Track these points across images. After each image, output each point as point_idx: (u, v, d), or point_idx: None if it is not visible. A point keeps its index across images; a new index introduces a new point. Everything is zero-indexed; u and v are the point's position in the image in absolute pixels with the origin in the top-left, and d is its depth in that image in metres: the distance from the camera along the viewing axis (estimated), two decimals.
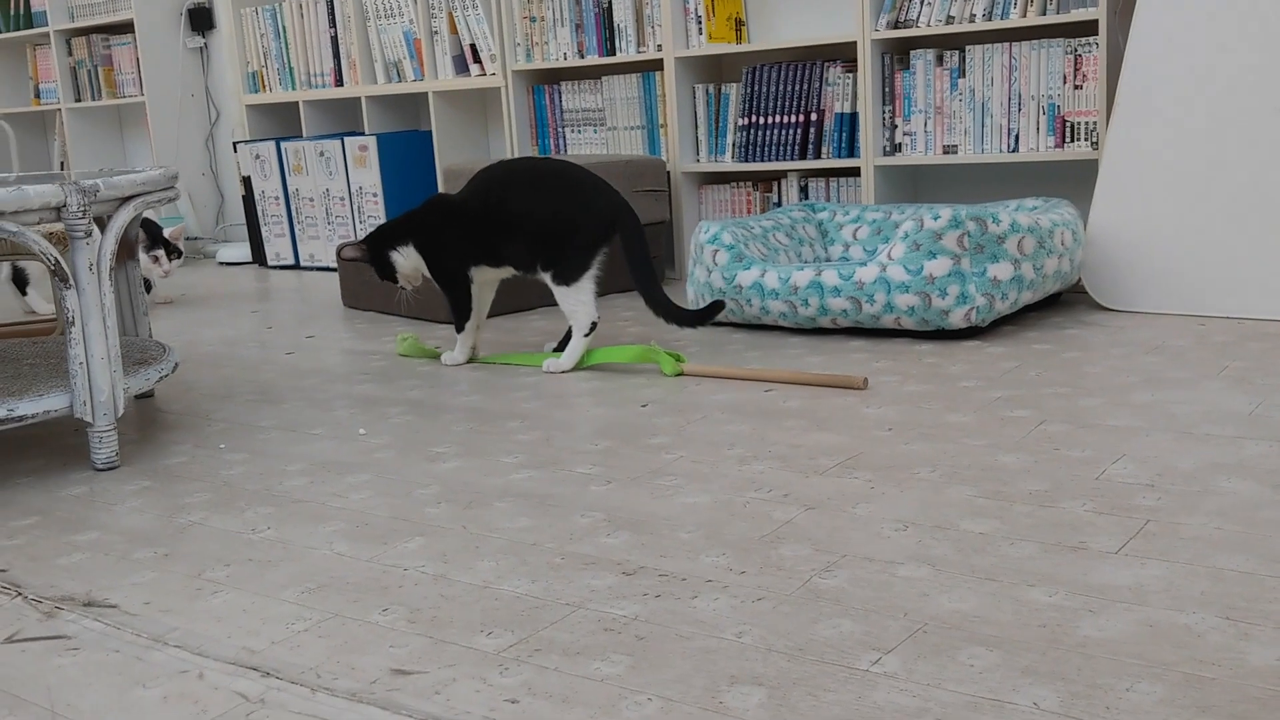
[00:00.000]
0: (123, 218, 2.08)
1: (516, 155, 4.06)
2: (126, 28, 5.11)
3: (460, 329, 2.67)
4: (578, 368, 2.57)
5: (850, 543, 1.51)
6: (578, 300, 2.53)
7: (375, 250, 2.65)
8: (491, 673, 1.23)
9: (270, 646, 1.32)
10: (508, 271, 2.62)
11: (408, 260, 2.64)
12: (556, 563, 1.51)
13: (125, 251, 2.53)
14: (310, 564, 1.56)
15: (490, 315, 2.86)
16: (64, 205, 1.96)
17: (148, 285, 3.97)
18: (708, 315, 2.57)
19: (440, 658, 1.27)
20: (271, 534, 1.69)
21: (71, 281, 1.99)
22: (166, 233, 3.82)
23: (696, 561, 1.48)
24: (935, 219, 2.55)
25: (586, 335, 2.56)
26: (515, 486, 1.82)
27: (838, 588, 1.38)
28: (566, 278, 2.53)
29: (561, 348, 2.63)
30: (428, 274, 2.66)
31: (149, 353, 2.36)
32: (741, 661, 1.22)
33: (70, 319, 2.00)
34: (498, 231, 2.54)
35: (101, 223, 2.11)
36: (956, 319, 2.56)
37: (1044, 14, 3.05)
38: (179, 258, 3.85)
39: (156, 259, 3.76)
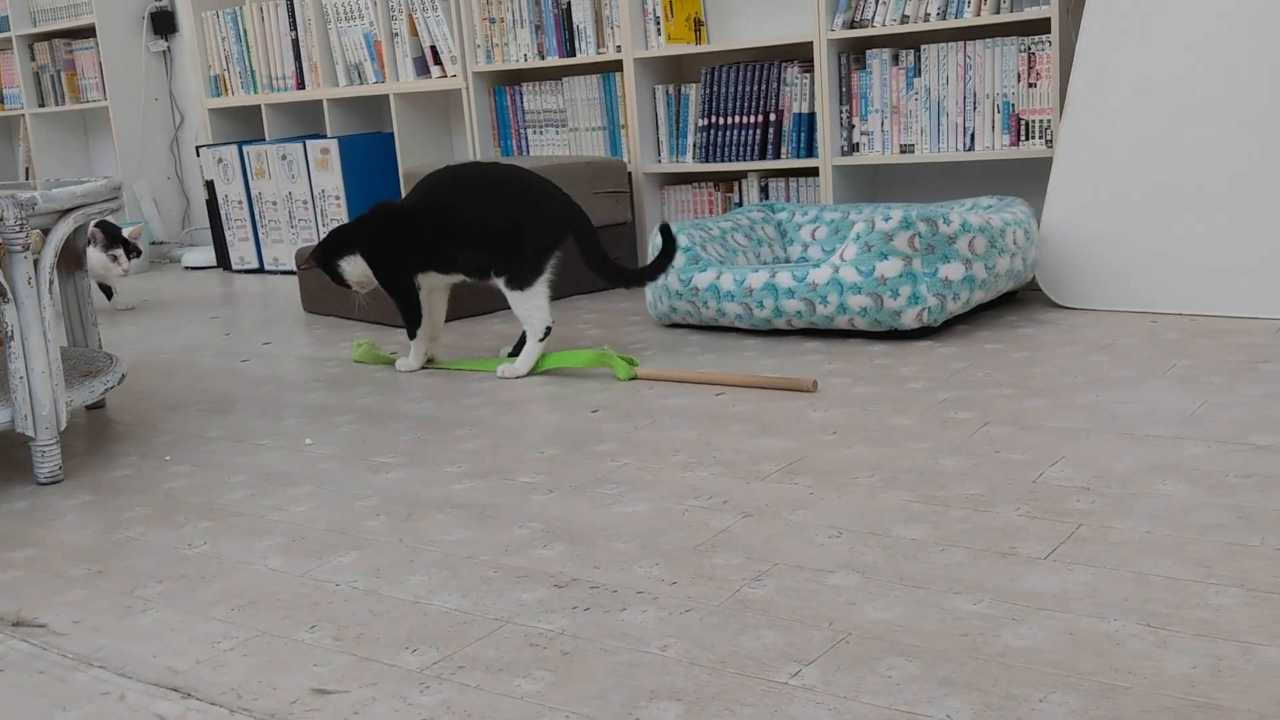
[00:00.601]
0: (62, 230, 2.06)
1: (479, 157, 4.05)
2: (89, 32, 5.08)
3: (412, 336, 2.66)
4: (532, 372, 2.56)
5: (783, 551, 1.51)
6: (532, 305, 2.53)
7: (323, 260, 2.65)
8: (412, 691, 1.22)
9: (194, 666, 1.32)
10: (458, 278, 2.62)
11: (355, 268, 2.63)
12: (489, 576, 1.50)
13: (72, 262, 2.51)
14: (243, 579, 1.56)
15: (448, 320, 2.85)
16: (0, 219, 1.94)
17: (109, 292, 3.96)
18: (665, 259, 2.57)
19: (362, 676, 1.26)
20: (207, 549, 1.68)
21: (10, 296, 1.97)
22: (126, 232, 3.79)
23: (629, 572, 1.48)
24: (886, 220, 2.55)
25: (541, 340, 2.55)
26: (456, 497, 1.81)
27: (766, 597, 1.38)
28: (520, 283, 2.52)
29: (516, 352, 2.63)
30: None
31: (96, 364, 2.34)
32: (663, 676, 1.21)
33: (9, 333, 1.98)
34: (447, 238, 2.53)
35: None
36: (909, 319, 2.56)
37: (997, 12, 3.06)
38: (137, 256, 3.83)
39: (115, 258, 3.73)
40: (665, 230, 2.57)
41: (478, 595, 1.44)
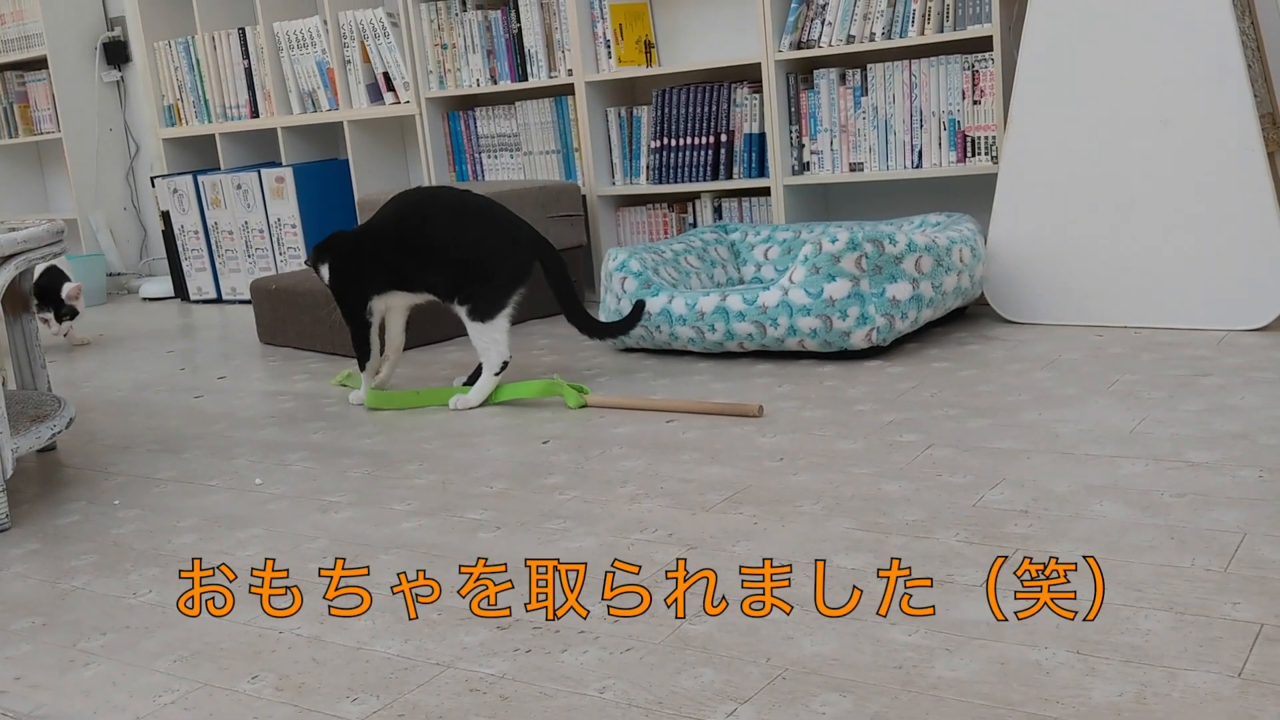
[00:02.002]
0: (4, 277, 2.05)
1: (434, 182, 4.06)
2: (40, 64, 5.05)
3: (362, 367, 2.66)
4: (485, 404, 2.57)
5: (724, 584, 1.52)
6: (491, 338, 2.53)
7: (311, 260, 2.68)
8: None
9: None
10: (422, 298, 2.61)
11: (325, 276, 2.64)
12: (433, 619, 1.51)
13: (20, 304, 2.50)
14: (186, 629, 1.55)
15: (407, 348, 2.85)
16: None
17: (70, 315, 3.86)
18: (632, 321, 2.69)
19: None
20: (153, 597, 1.68)
21: None
22: (65, 290, 3.67)
23: (571, 612, 1.49)
24: (833, 242, 2.58)
25: (497, 374, 2.55)
26: (404, 537, 1.82)
27: (706, 634, 1.39)
28: (483, 314, 2.52)
29: (471, 382, 2.63)
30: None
31: (44, 408, 2.33)
32: (600, 719, 1.22)
33: None
34: (414, 257, 2.53)
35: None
36: (858, 340, 2.59)
37: (941, 31, 3.09)
38: (72, 318, 3.70)
39: (45, 321, 3.65)
40: (640, 305, 2.70)
41: (420, 639, 1.45)
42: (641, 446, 2.16)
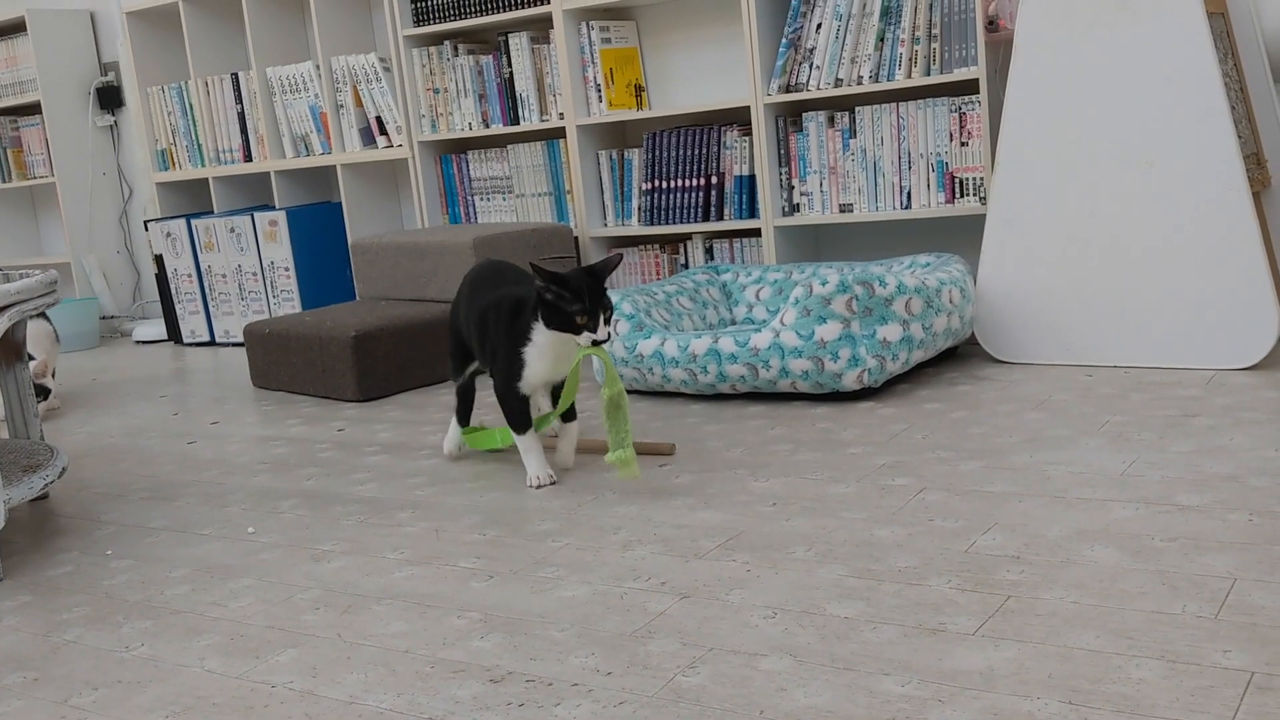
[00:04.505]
0: None
1: (426, 225, 4.08)
2: (34, 109, 5.08)
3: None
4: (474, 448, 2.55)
5: (718, 634, 1.52)
6: None
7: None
8: None
9: None
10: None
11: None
12: (426, 672, 1.50)
13: (12, 354, 2.50)
14: (179, 683, 1.55)
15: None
16: None
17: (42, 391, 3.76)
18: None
19: None
20: (145, 650, 1.67)
21: None
22: (31, 368, 3.38)
23: (565, 664, 1.49)
24: (824, 284, 2.59)
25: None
26: (396, 586, 1.81)
27: (699, 686, 1.39)
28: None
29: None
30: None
31: (36, 457, 2.33)
32: None
33: None
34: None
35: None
36: (849, 381, 2.60)
37: (928, 74, 3.13)
38: (44, 399, 3.47)
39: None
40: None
41: (413, 693, 1.45)
42: (633, 491, 2.16)
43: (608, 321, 2.15)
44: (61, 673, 1.63)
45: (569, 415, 2.32)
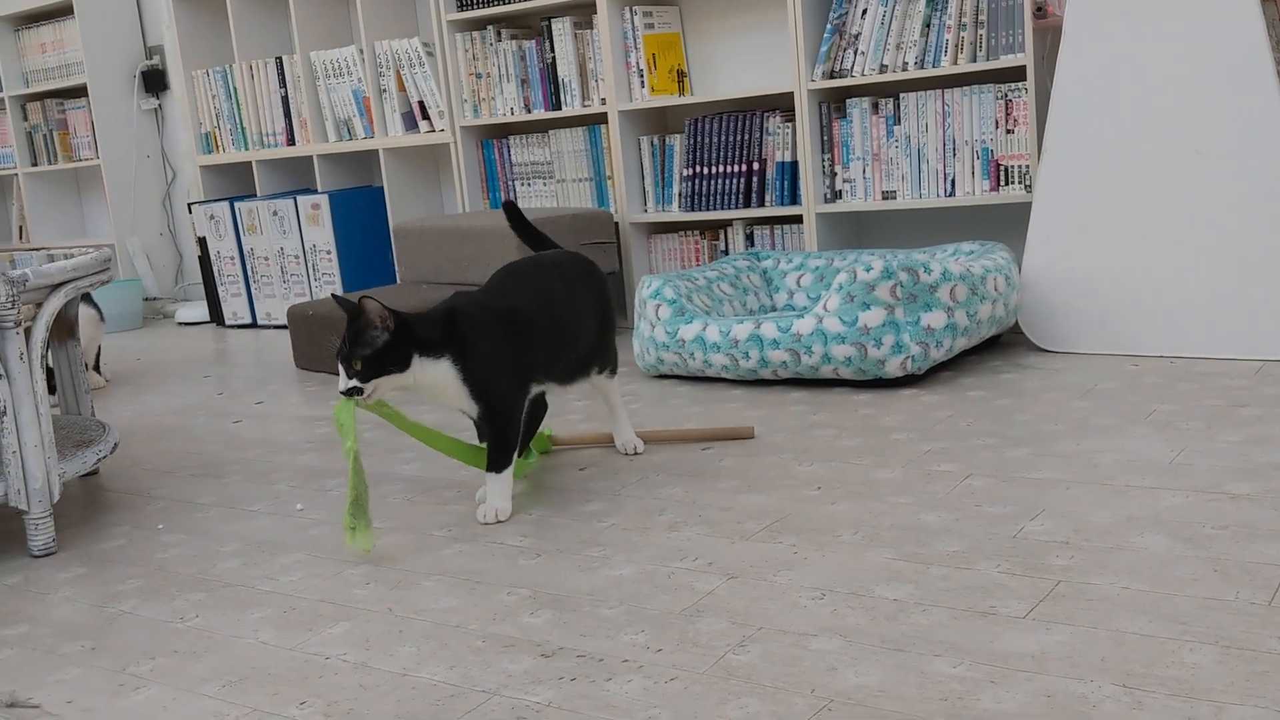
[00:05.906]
0: (54, 305, 2.09)
1: (467, 209, 4.09)
2: (80, 91, 5.13)
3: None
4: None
5: (767, 614, 1.53)
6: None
7: None
8: None
9: None
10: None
11: None
12: (478, 646, 1.52)
13: (65, 331, 2.54)
14: (235, 654, 1.57)
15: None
16: None
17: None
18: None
19: None
20: (199, 622, 1.70)
21: (2, 371, 2.00)
22: None
23: (615, 640, 1.50)
24: (868, 270, 2.59)
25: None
26: (445, 563, 1.83)
27: (750, 664, 1.40)
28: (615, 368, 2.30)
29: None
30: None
31: (89, 433, 2.36)
32: None
33: (2, 408, 2.00)
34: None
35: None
36: (893, 368, 2.59)
37: (974, 61, 3.11)
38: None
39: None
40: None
41: (465, 666, 1.46)
42: (678, 474, 2.17)
43: (362, 376, 1.84)
44: (118, 642, 1.66)
45: (612, 370, 2.23)
